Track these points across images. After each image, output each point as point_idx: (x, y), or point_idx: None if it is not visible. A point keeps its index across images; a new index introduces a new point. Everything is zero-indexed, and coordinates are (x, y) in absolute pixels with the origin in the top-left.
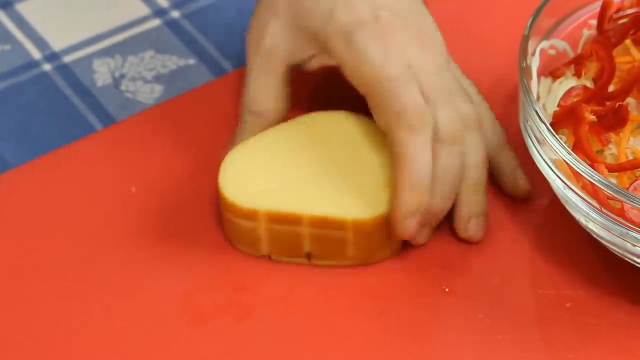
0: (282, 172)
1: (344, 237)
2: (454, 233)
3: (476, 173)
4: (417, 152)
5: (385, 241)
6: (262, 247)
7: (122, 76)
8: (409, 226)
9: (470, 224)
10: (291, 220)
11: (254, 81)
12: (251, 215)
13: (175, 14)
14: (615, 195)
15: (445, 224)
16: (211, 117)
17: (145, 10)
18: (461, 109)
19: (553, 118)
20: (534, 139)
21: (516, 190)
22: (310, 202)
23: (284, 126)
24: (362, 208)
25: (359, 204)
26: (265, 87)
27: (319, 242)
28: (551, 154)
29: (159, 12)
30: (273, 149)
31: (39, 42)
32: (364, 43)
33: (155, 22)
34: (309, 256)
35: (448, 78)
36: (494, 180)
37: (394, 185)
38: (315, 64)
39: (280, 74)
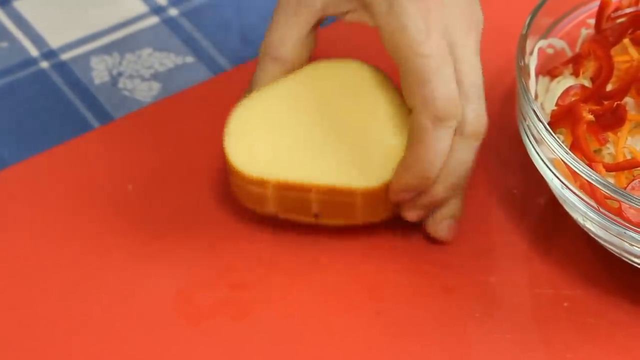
0: (289, 133)
1: (353, 202)
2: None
3: (466, 177)
4: (434, 143)
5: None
6: (270, 207)
7: (120, 74)
8: (402, 198)
9: (443, 225)
10: (300, 188)
11: (281, 25)
12: (259, 182)
13: (173, 12)
14: (612, 194)
15: None
16: (209, 115)
17: (143, 8)
18: (484, 106)
19: (551, 117)
20: (531, 138)
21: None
22: (318, 172)
23: (290, 78)
24: (370, 175)
25: (368, 171)
26: (291, 33)
27: (327, 206)
28: (549, 153)
29: (157, 10)
30: (279, 104)
31: (37, 39)
32: (405, 9)
33: (153, 19)
34: (317, 216)
35: (480, 67)
36: None
37: (403, 157)
38: (349, 19)
39: (310, 23)
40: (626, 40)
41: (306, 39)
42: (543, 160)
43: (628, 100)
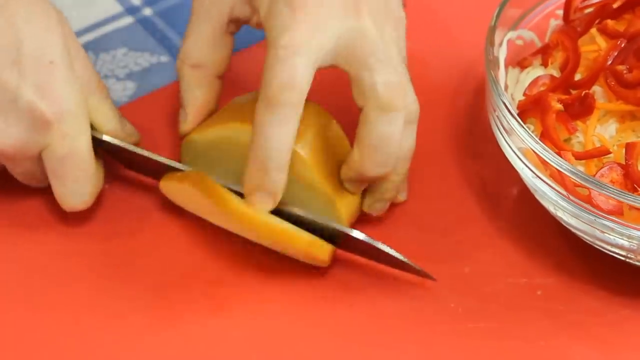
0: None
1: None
2: (424, 224)
3: (404, 165)
4: (267, 128)
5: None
6: None
7: None
8: (254, 202)
9: (377, 205)
10: None
11: (193, 32)
12: None
13: (147, 11)
14: (582, 182)
15: (416, 214)
16: None
17: (117, 7)
18: (399, 75)
19: (518, 107)
20: (501, 129)
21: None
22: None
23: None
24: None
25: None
26: (202, 37)
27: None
28: (519, 143)
29: (132, 10)
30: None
31: None
32: (277, 4)
33: (128, 19)
34: None
35: (389, 43)
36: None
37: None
38: (254, 22)
39: (221, 24)
40: (594, 30)
41: (220, 40)
42: (513, 151)
43: (596, 89)
